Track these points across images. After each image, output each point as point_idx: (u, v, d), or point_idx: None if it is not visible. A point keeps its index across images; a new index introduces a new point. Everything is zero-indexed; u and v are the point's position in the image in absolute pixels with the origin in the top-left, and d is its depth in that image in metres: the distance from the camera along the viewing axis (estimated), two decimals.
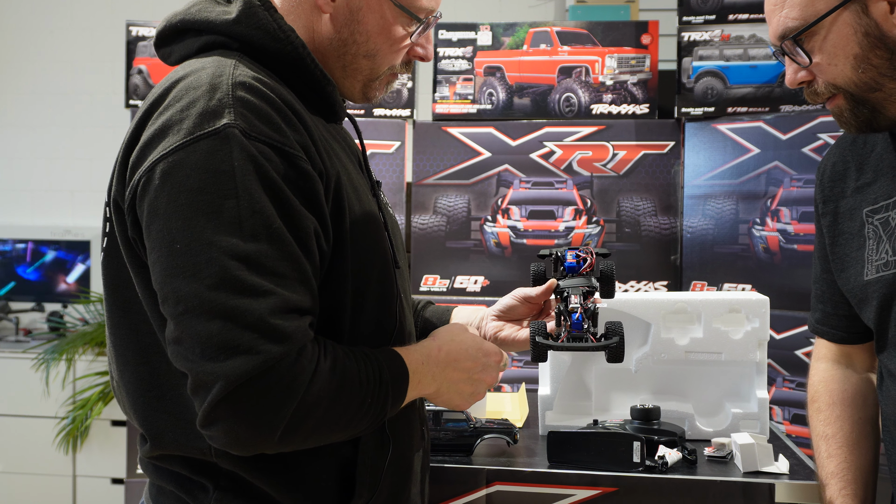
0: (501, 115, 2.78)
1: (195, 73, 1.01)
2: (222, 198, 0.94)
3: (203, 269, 0.93)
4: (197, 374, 0.93)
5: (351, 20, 1.12)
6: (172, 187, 0.94)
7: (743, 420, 1.69)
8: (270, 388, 0.93)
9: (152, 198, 0.95)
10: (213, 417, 0.93)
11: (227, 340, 0.92)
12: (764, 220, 2.53)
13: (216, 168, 0.94)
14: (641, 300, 1.75)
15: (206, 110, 0.96)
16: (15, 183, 4.31)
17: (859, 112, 1.14)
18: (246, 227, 0.94)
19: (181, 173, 0.94)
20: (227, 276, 0.92)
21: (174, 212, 0.94)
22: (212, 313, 0.92)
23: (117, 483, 3.60)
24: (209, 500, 1.05)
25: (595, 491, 1.49)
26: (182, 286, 0.93)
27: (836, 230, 1.32)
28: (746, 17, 2.61)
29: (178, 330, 0.94)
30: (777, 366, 2.46)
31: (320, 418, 0.98)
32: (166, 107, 0.99)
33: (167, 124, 0.97)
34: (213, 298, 0.92)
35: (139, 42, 2.93)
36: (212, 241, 0.93)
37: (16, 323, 4.04)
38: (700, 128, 2.66)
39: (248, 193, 0.95)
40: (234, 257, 0.93)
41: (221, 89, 0.98)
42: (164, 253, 0.94)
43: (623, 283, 2.70)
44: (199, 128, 0.95)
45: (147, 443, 1.08)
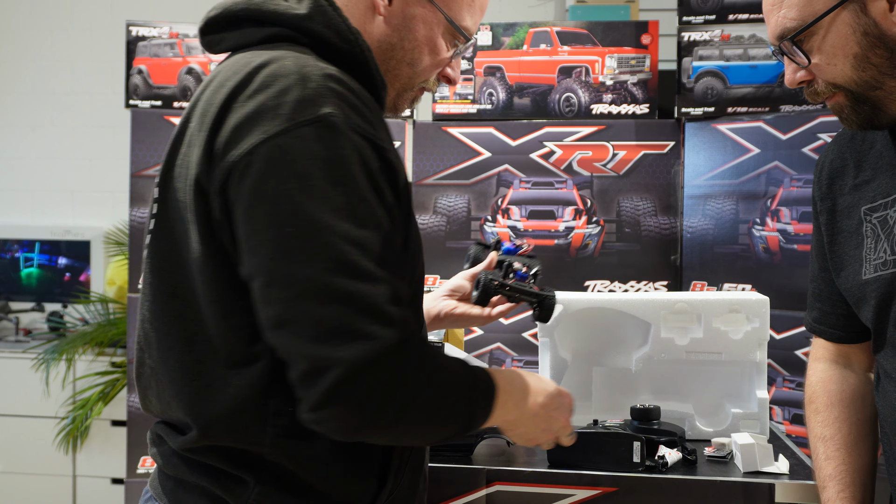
0: (501, 115, 2.78)
1: (277, 61, 1.00)
2: (332, 184, 0.94)
3: (319, 252, 0.93)
4: (310, 359, 0.93)
5: (403, 26, 1.14)
6: (280, 172, 0.94)
7: (743, 420, 1.69)
8: (384, 374, 0.94)
9: (256, 181, 0.94)
10: (326, 402, 0.93)
11: (345, 325, 0.92)
12: (764, 220, 2.53)
13: (323, 155, 0.95)
14: (641, 300, 1.75)
15: (304, 98, 0.96)
16: (15, 183, 4.31)
17: (860, 110, 1.14)
18: (357, 214, 0.95)
19: (287, 158, 0.94)
20: (344, 259, 0.93)
21: (283, 196, 0.93)
22: (329, 297, 0.92)
23: (117, 483, 3.60)
24: (248, 494, 1.03)
25: (595, 491, 1.49)
26: (296, 269, 0.93)
27: (833, 228, 1.31)
28: (746, 17, 2.61)
29: (287, 313, 0.93)
30: (777, 366, 2.46)
31: (422, 409, 1.00)
32: (255, 91, 0.98)
33: (261, 108, 0.96)
34: (331, 282, 0.92)
35: (139, 42, 2.93)
36: (327, 224, 0.93)
37: (16, 323, 4.04)
38: (700, 128, 2.66)
39: (356, 181, 0.96)
40: (348, 242, 0.94)
41: (313, 79, 0.98)
42: (272, 236, 0.94)
43: (623, 283, 2.70)
44: (299, 114, 0.95)
45: (189, 433, 1.04)
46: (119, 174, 3.82)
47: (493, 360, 2.73)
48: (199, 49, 2.95)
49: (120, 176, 3.69)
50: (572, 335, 1.79)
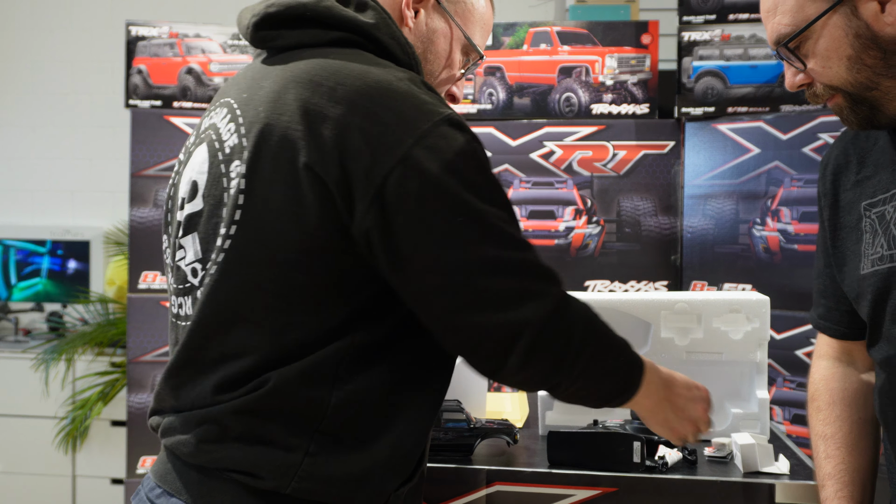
0: (501, 115, 2.78)
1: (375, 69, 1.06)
2: (474, 174, 1.04)
3: (488, 233, 1.02)
4: (505, 326, 1.03)
5: (427, 38, 1.22)
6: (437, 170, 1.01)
7: (743, 420, 1.69)
8: (564, 320, 1.06)
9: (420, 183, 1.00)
10: (526, 360, 1.04)
11: (521, 290, 1.03)
12: (764, 220, 2.52)
13: (462, 149, 1.03)
14: (641, 300, 1.75)
15: (425, 101, 1.04)
16: (15, 183, 4.31)
17: (859, 110, 1.15)
18: (494, 197, 1.05)
19: (439, 156, 1.01)
20: (505, 235, 1.04)
21: (446, 192, 1.01)
22: (506, 269, 1.03)
23: (117, 483, 3.60)
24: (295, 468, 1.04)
25: (595, 491, 1.49)
26: (474, 252, 1.02)
27: (836, 224, 1.32)
28: (746, 17, 2.61)
29: (471, 294, 1.02)
30: (777, 366, 2.46)
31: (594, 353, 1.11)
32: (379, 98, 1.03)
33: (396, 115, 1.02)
34: (504, 256, 1.03)
35: (139, 42, 2.93)
36: (484, 210, 1.03)
37: (15, 323, 4.04)
38: (700, 128, 2.65)
39: (486, 169, 1.07)
40: (501, 220, 1.04)
41: (417, 83, 1.06)
42: (447, 229, 1.01)
43: (623, 283, 2.70)
44: (433, 115, 1.03)
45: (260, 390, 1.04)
46: (119, 174, 3.82)
47: None
48: (198, 49, 2.95)
49: (120, 176, 3.69)
50: None
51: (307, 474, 1.04)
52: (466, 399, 1.70)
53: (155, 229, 2.92)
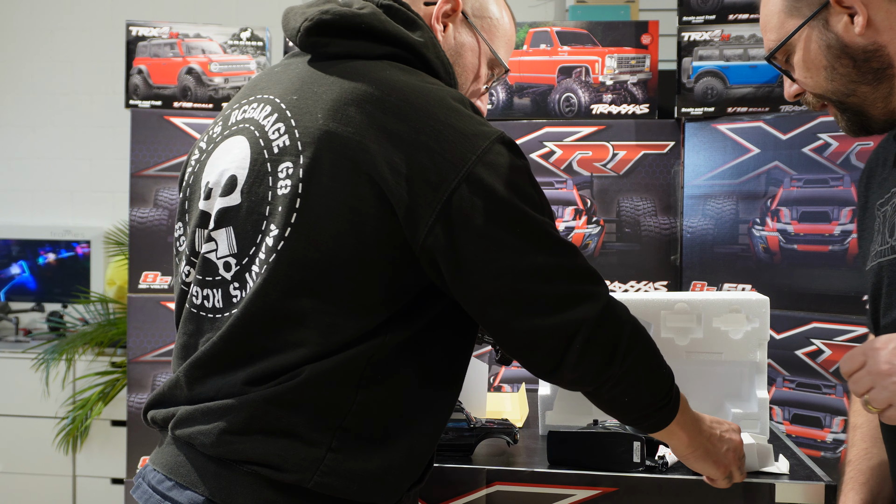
0: (501, 115, 2.78)
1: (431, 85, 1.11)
2: (527, 187, 1.11)
3: (542, 242, 1.09)
4: (556, 327, 1.09)
5: (455, 52, 1.26)
6: (498, 185, 1.07)
7: (743, 420, 1.69)
8: (614, 319, 1.13)
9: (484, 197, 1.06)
10: (581, 356, 1.10)
11: (575, 292, 1.10)
12: (764, 220, 2.53)
13: (515, 165, 1.10)
14: (641, 300, 1.75)
15: (479, 120, 1.10)
16: (15, 183, 4.31)
17: (848, 116, 1.22)
18: (543, 209, 1.12)
19: (499, 172, 1.08)
20: (557, 244, 1.10)
21: (508, 205, 1.07)
22: (560, 274, 1.09)
23: (117, 483, 3.61)
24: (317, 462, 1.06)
25: (595, 491, 1.49)
26: (533, 260, 1.08)
27: (861, 225, 1.36)
28: (746, 17, 2.61)
29: (530, 298, 1.08)
30: (777, 366, 2.46)
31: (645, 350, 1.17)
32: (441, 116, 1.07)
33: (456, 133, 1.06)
34: (557, 263, 1.09)
35: (139, 42, 2.93)
36: (539, 220, 1.10)
37: (15, 323, 4.04)
38: (700, 128, 2.66)
39: (535, 184, 1.13)
40: (551, 230, 1.11)
41: (465, 102, 1.12)
42: (509, 240, 1.07)
43: (623, 283, 2.70)
44: (487, 133, 1.09)
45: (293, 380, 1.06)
46: (119, 174, 3.82)
47: (493, 360, 2.73)
48: (199, 49, 2.95)
49: (120, 176, 3.69)
50: None
51: (329, 469, 1.06)
52: (466, 399, 1.70)
53: (155, 229, 2.92)
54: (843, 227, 2.37)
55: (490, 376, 2.70)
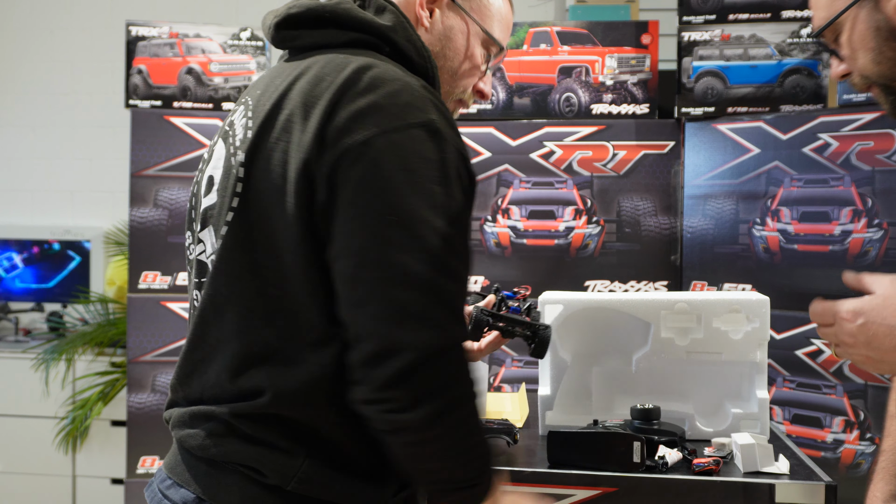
0: (501, 115, 2.78)
1: (378, 66, 1.07)
2: (433, 183, 1.02)
3: (415, 242, 0.99)
4: (383, 339, 0.98)
5: (444, 37, 1.24)
6: (390, 164, 1.00)
7: (743, 420, 1.69)
8: (448, 365, 1.00)
9: (367, 169, 1.01)
10: (394, 382, 0.98)
11: (423, 312, 0.98)
12: (764, 220, 2.52)
13: (429, 156, 1.02)
14: (641, 300, 1.75)
15: (412, 103, 1.04)
16: (15, 183, 4.31)
17: (892, 100, 1.19)
18: (451, 213, 1.03)
19: (399, 153, 1.01)
20: (435, 253, 1.00)
21: (389, 187, 1.00)
22: (414, 284, 0.99)
23: (117, 483, 3.60)
24: (296, 468, 1.05)
25: (595, 491, 1.49)
26: (389, 254, 0.99)
27: None
28: (746, 17, 2.61)
29: (371, 294, 0.99)
30: (777, 366, 2.46)
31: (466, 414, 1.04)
32: (366, 89, 1.04)
33: (374, 105, 1.03)
34: (419, 271, 0.99)
35: (139, 42, 2.93)
36: (426, 219, 1.00)
37: (15, 323, 4.04)
38: (700, 128, 2.65)
39: (451, 184, 1.03)
40: (440, 238, 1.00)
41: (416, 88, 1.06)
42: (374, 222, 1.00)
43: (623, 283, 2.70)
44: (410, 116, 1.03)
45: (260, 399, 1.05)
46: (119, 174, 3.82)
47: (494, 360, 2.73)
48: (198, 49, 2.95)
49: (120, 176, 3.69)
50: (572, 335, 1.79)
51: (307, 476, 1.06)
52: None
53: (155, 229, 2.92)
54: (843, 227, 2.37)
55: (490, 376, 2.70)
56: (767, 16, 2.60)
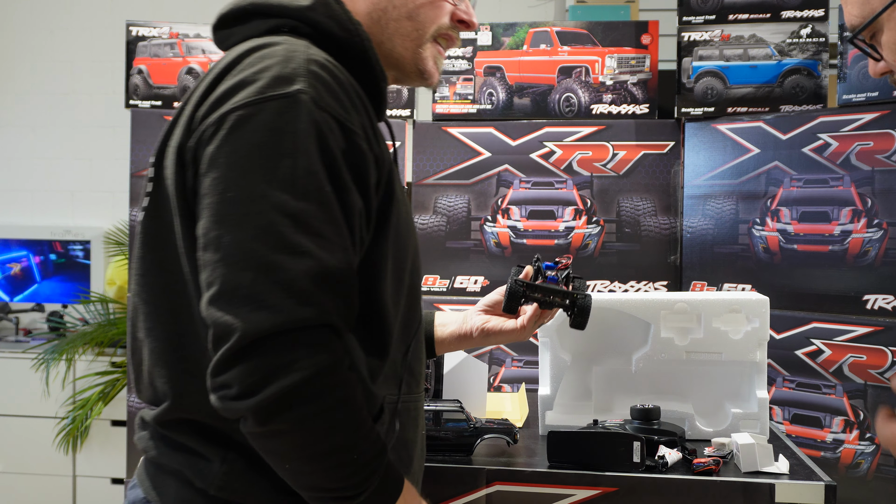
0: (501, 115, 2.78)
1: (269, 47, 1.04)
2: (280, 155, 0.96)
3: (250, 219, 0.94)
4: (217, 323, 0.93)
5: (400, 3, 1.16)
6: (236, 139, 0.97)
7: (743, 420, 1.69)
8: (286, 349, 0.92)
9: (216, 147, 0.98)
10: (224, 367, 0.92)
11: (255, 293, 0.92)
12: (764, 220, 2.53)
13: (281, 127, 0.97)
14: (641, 300, 1.75)
15: (280, 75, 0.99)
16: (15, 183, 4.31)
17: None
18: (298, 186, 0.95)
19: (247, 127, 0.97)
20: (270, 229, 0.94)
21: (233, 162, 0.96)
22: (247, 264, 0.93)
23: (117, 483, 3.61)
24: (214, 474, 1.03)
25: (595, 491, 1.49)
26: (225, 234, 0.95)
27: None
28: (746, 17, 2.61)
29: (211, 276, 0.95)
30: (777, 366, 2.46)
31: (310, 417, 0.93)
32: (240, 70, 1.01)
33: (239, 83, 1.00)
34: (252, 249, 0.93)
35: (139, 42, 2.93)
36: (264, 194, 0.94)
37: (16, 323, 4.04)
38: (700, 128, 2.66)
39: (306, 155, 0.96)
40: (281, 213, 0.94)
41: (296, 60, 1.00)
42: (216, 200, 0.96)
43: (623, 283, 2.70)
44: (270, 88, 0.98)
45: (164, 404, 1.06)
46: (119, 174, 3.82)
47: (494, 360, 2.73)
48: (199, 49, 2.95)
49: (120, 176, 3.69)
50: (572, 335, 1.79)
51: (225, 483, 1.03)
52: (466, 399, 1.70)
53: None
54: (843, 227, 2.37)
55: (490, 376, 2.71)
56: (767, 16, 2.60)
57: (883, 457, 2.27)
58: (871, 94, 2.35)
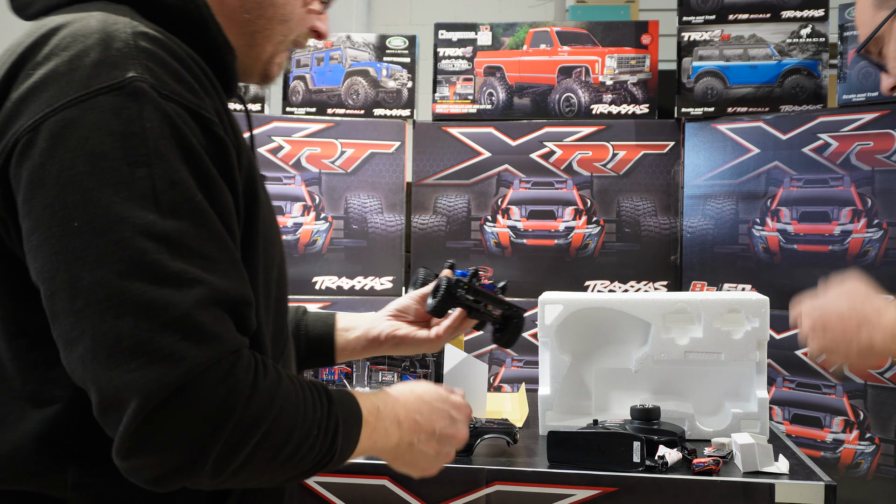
0: (501, 115, 2.78)
1: (79, 21, 0.82)
2: (133, 165, 0.76)
3: (111, 252, 0.75)
4: (104, 389, 0.74)
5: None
6: (66, 151, 0.76)
7: (743, 420, 1.69)
8: (200, 403, 0.75)
9: (37, 164, 0.76)
10: (132, 445, 0.75)
11: (142, 343, 0.74)
12: (764, 220, 2.53)
13: (123, 129, 0.77)
14: (641, 300, 1.75)
15: (104, 60, 0.78)
16: None
17: None
18: (163, 201, 0.77)
19: (77, 134, 0.76)
20: (142, 260, 0.75)
21: (69, 182, 0.75)
22: (122, 308, 0.74)
23: None
24: None
25: (595, 491, 1.49)
26: (82, 274, 0.75)
27: None
28: (746, 17, 2.61)
29: (75, 330, 0.75)
30: (777, 366, 2.46)
31: (259, 444, 0.80)
32: (46, 57, 0.80)
33: (51, 75, 0.78)
34: (125, 289, 0.74)
35: None
36: (122, 217, 0.75)
37: None
38: (700, 128, 2.66)
39: (165, 161, 0.78)
40: (150, 237, 0.75)
41: (119, 38, 0.80)
42: (55, 233, 0.75)
43: (623, 283, 2.70)
44: (95, 80, 0.77)
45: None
46: None
47: (494, 360, 2.73)
48: None
49: None
50: (572, 335, 1.79)
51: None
52: (466, 399, 1.70)
53: None
54: (843, 227, 2.37)
55: (490, 376, 2.71)
56: (767, 16, 2.60)
57: (883, 457, 2.27)
58: (871, 94, 2.35)
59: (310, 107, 2.81)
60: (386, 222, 2.78)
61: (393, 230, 2.78)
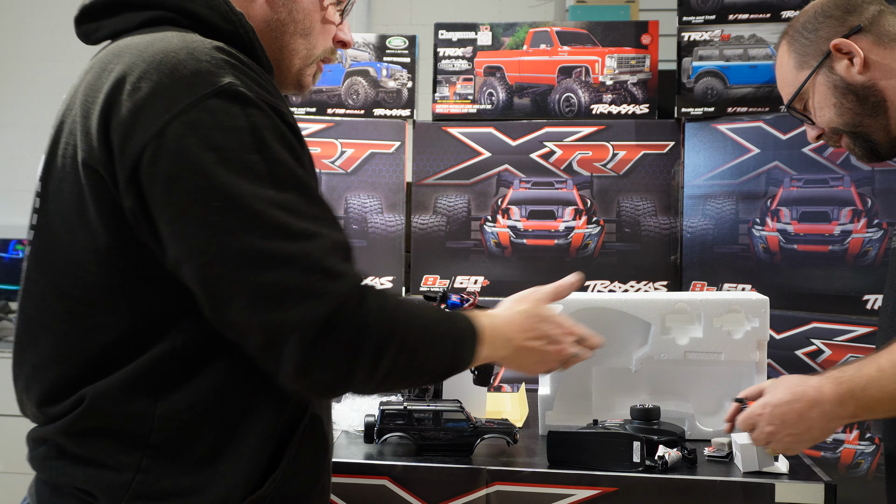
0: (501, 115, 2.78)
1: (162, 41, 0.98)
2: (249, 153, 0.94)
3: (250, 221, 0.93)
4: (268, 328, 0.93)
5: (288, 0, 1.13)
6: (194, 149, 0.93)
7: None
8: (347, 326, 0.95)
9: (171, 163, 0.93)
10: (303, 368, 0.94)
11: (294, 286, 0.93)
12: (764, 220, 2.53)
13: (233, 125, 0.94)
14: (641, 300, 1.75)
15: (199, 70, 0.95)
16: (15, 183, 4.31)
17: (859, 143, 1.39)
18: (276, 179, 0.96)
19: (199, 133, 0.93)
20: (276, 224, 0.94)
21: (202, 172, 0.92)
22: (271, 262, 0.93)
23: None
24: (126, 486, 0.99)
25: (595, 491, 1.49)
26: (232, 242, 0.93)
27: None
28: (746, 17, 2.61)
29: (232, 288, 0.93)
30: (777, 366, 2.46)
31: (398, 352, 1.00)
32: (146, 72, 0.95)
33: (156, 89, 0.94)
34: (269, 247, 0.93)
35: None
36: (252, 193, 0.93)
37: None
38: (700, 128, 2.66)
39: (270, 147, 0.96)
40: (275, 206, 0.94)
41: (204, 51, 0.97)
42: (200, 214, 0.93)
43: (623, 283, 2.70)
44: (200, 87, 0.94)
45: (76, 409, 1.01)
46: None
47: None
48: None
49: None
50: None
51: (139, 493, 0.99)
52: (466, 399, 1.70)
53: None
54: (843, 227, 2.38)
55: None
56: (767, 16, 2.60)
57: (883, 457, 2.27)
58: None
59: (309, 107, 2.81)
60: (386, 222, 2.78)
61: (393, 230, 2.78)
